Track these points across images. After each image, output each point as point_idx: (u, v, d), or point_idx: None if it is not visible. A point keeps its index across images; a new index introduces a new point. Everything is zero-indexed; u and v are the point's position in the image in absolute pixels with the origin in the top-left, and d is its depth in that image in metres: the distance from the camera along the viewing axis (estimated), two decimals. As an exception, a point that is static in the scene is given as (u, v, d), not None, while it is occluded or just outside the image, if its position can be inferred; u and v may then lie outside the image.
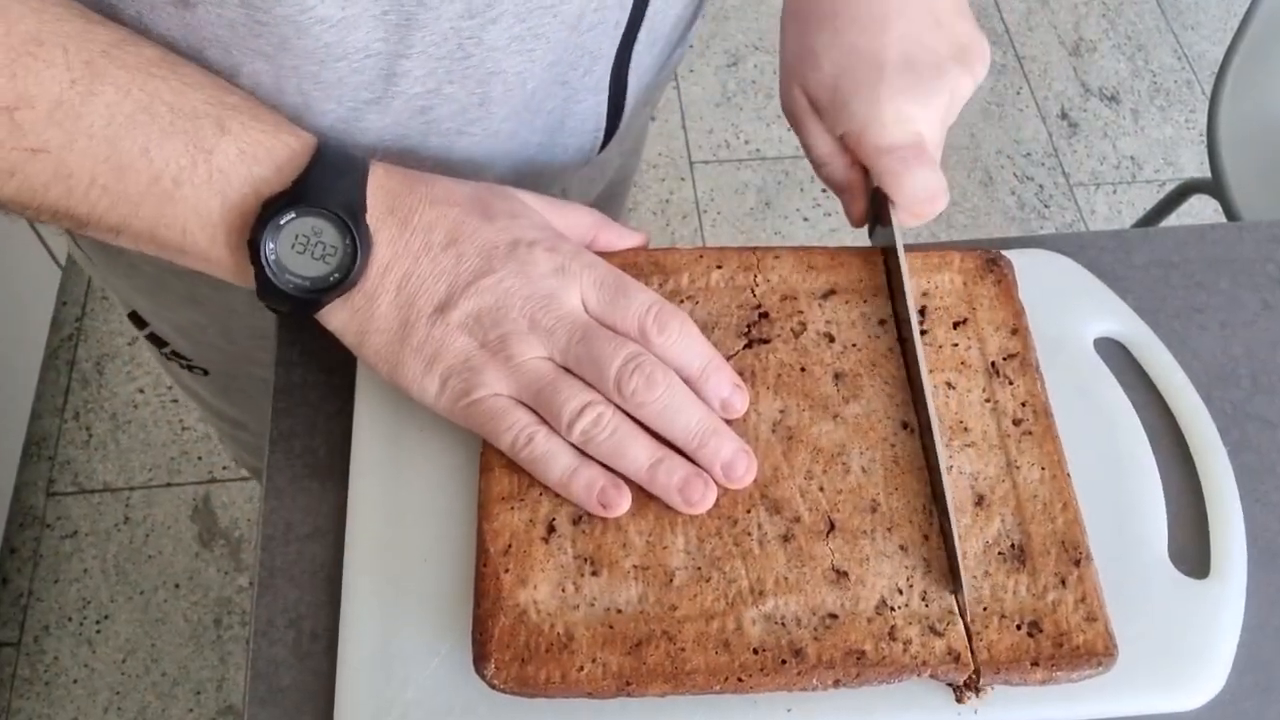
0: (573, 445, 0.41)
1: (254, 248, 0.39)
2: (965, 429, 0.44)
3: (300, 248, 0.40)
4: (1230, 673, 0.42)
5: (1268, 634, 0.43)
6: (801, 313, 0.46)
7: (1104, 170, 1.68)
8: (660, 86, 0.61)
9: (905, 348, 0.46)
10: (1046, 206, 1.64)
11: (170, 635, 1.24)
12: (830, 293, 0.47)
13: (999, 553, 0.41)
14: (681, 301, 0.47)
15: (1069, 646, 0.39)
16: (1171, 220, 1.15)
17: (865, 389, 0.45)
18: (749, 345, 0.46)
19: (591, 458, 0.41)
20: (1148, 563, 0.44)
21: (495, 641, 0.39)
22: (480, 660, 0.39)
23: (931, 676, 0.39)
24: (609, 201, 0.75)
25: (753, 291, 0.47)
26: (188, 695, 1.20)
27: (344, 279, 0.40)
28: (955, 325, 0.46)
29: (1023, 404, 0.44)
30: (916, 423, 0.44)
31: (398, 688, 0.40)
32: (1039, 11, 1.87)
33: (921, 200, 0.45)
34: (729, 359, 0.45)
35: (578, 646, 0.39)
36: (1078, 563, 0.41)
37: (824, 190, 1.62)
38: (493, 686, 0.38)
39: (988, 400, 0.45)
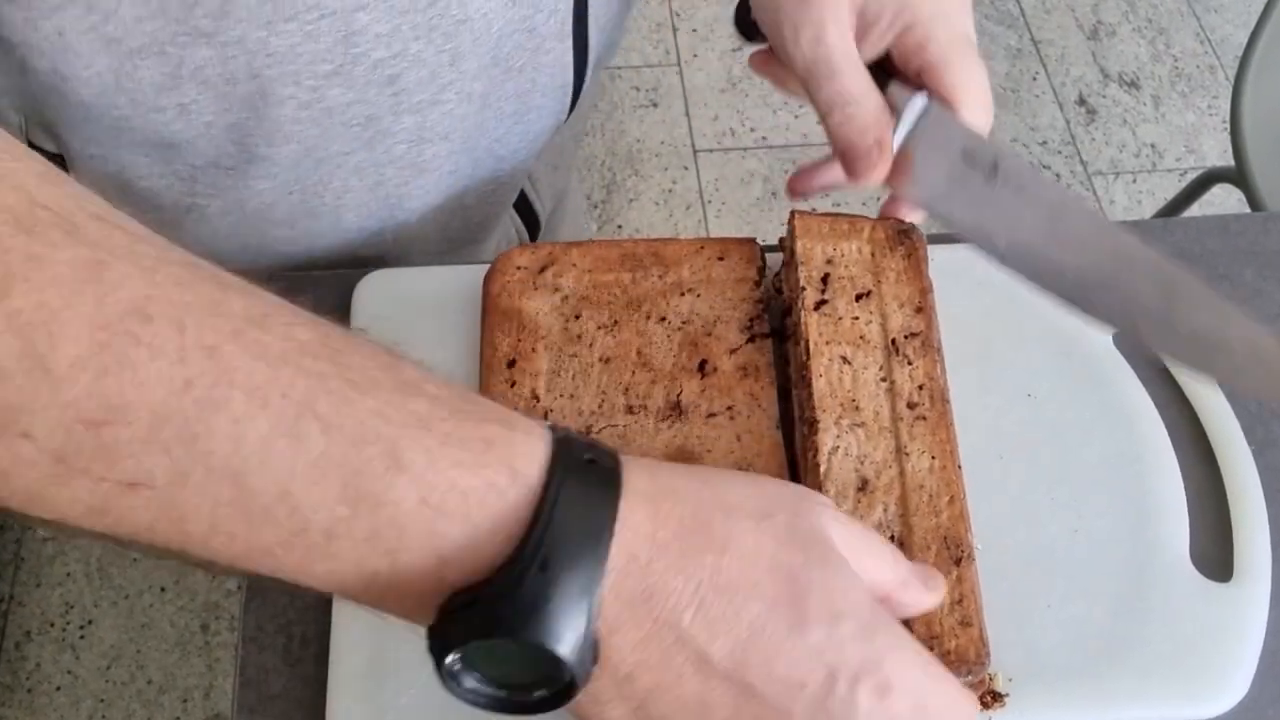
0: None
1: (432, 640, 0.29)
2: (857, 408, 0.42)
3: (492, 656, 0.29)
4: (1254, 679, 0.40)
5: (1293, 640, 0.42)
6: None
7: (1123, 159, 1.66)
8: (614, 44, 0.59)
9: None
10: (1064, 195, 1.62)
11: (156, 641, 1.22)
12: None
13: None
14: (682, 294, 0.46)
15: (939, 651, 0.37)
16: (1193, 211, 1.12)
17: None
18: (751, 339, 0.45)
19: None
20: (1168, 565, 0.42)
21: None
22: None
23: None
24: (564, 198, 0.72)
25: (756, 283, 0.46)
26: (174, 703, 1.18)
27: (551, 699, 0.29)
28: (858, 298, 0.44)
29: (920, 387, 0.42)
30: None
31: (391, 695, 0.39)
32: (1056, -6, 1.84)
33: (986, 93, 0.43)
34: (732, 353, 0.44)
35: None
36: (959, 561, 0.39)
37: (837, 179, 1.61)
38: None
39: (884, 379, 0.43)
